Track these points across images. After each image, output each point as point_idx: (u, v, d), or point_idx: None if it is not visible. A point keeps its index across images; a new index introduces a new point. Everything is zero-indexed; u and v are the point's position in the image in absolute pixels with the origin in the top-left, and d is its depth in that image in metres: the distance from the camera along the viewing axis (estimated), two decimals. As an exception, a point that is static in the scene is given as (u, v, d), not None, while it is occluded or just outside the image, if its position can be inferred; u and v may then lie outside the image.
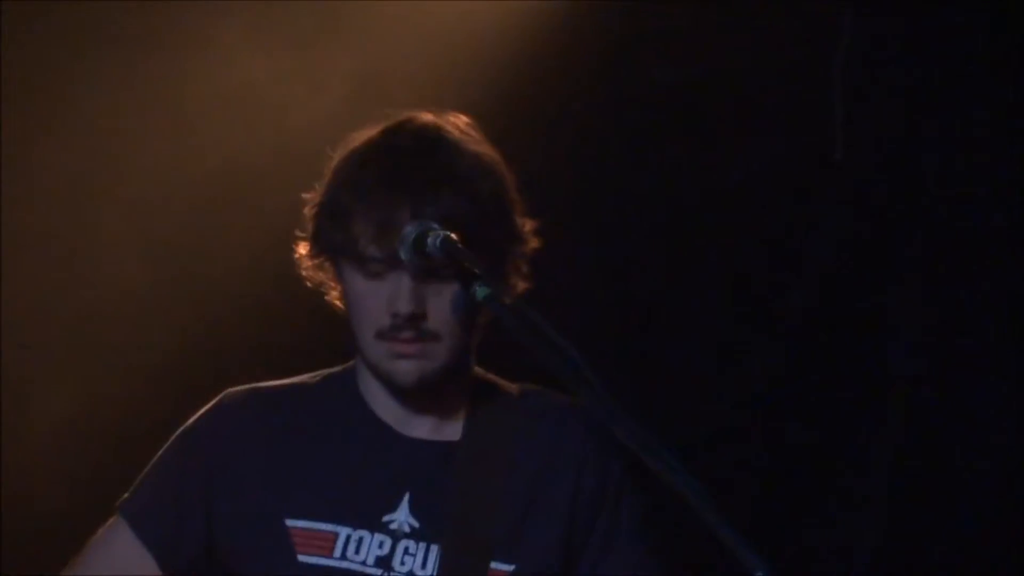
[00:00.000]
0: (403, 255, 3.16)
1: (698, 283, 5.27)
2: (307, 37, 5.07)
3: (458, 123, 3.37)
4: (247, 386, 3.45)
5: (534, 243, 3.37)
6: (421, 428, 3.37)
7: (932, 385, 5.24)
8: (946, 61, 5.22)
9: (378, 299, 3.24)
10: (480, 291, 3.07)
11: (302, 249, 3.39)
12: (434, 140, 3.30)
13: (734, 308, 5.29)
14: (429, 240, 3.13)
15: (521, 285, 3.38)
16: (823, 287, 5.29)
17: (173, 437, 3.44)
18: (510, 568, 3.29)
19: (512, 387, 3.45)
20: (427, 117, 3.36)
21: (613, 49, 5.20)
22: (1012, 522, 5.17)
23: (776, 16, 5.20)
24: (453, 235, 3.13)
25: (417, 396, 3.32)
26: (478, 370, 3.43)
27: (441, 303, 3.23)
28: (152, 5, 5.01)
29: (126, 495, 3.42)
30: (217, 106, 5.03)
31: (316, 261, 3.38)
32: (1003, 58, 5.17)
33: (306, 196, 3.38)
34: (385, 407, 3.37)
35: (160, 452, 3.44)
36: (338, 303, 3.39)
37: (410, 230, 3.15)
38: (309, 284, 3.41)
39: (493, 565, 3.28)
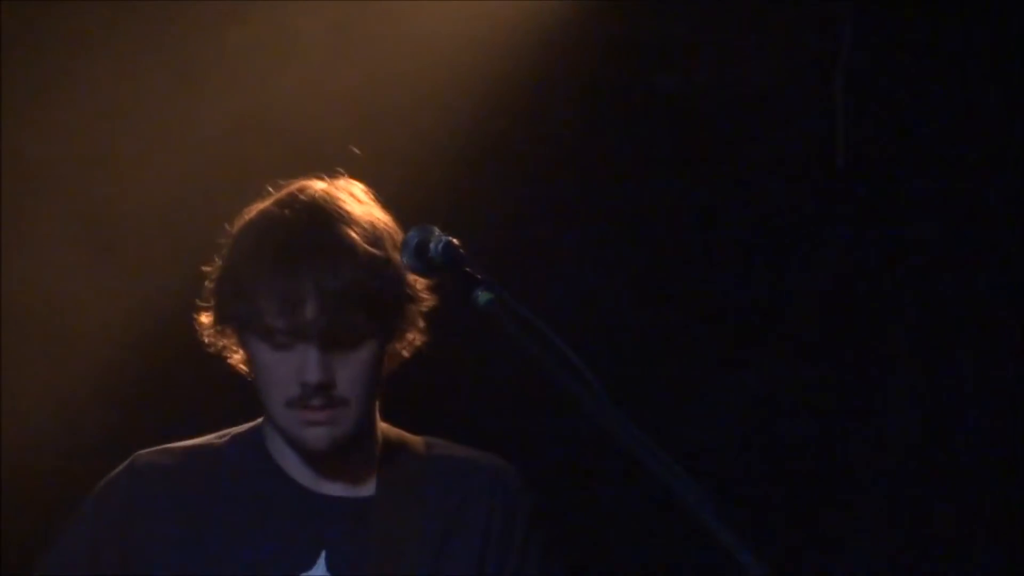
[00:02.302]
0: (405, 260, 3.17)
1: (697, 291, 5.28)
2: (305, 39, 5.08)
3: (350, 190, 3.43)
4: (158, 448, 3.47)
5: (430, 300, 3.45)
6: (334, 486, 3.42)
7: (931, 397, 5.27)
8: (949, 69, 5.22)
9: (286, 369, 3.29)
10: (482, 296, 3.07)
11: (203, 318, 3.44)
12: (327, 211, 3.35)
13: (734, 316, 5.30)
14: (431, 245, 3.13)
15: (419, 339, 3.46)
16: (825, 296, 5.30)
17: (84, 502, 3.45)
18: None
19: (417, 440, 3.52)
20: (319, 187, 3.42)
21: (613, 56, 5.20)
22: (1011, 531, 5.20)
23: (777, 25, 5.20)
24: (455, 240, 3.14)
25: (329, 458, 3.38)
26: (383, 425, 3.49)
27: (349, 370, 3.30)
28: (152, 5, 5.02)
29: (39, 566, 3.42)
30: (216, 109, 5.03)
31: (218, 330, 3.42)
32: (1007, 66, 5.18)
33: (206, 268, 3.44)
34: (297, 467, 3.42)
35: (71, 519, 3.45)
36: (241, 367, 3.44)
37: (412, 235, 3.16)
38: (211, 350, 3.45)
39: None
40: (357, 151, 3.70)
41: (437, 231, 3.16)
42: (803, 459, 5.30)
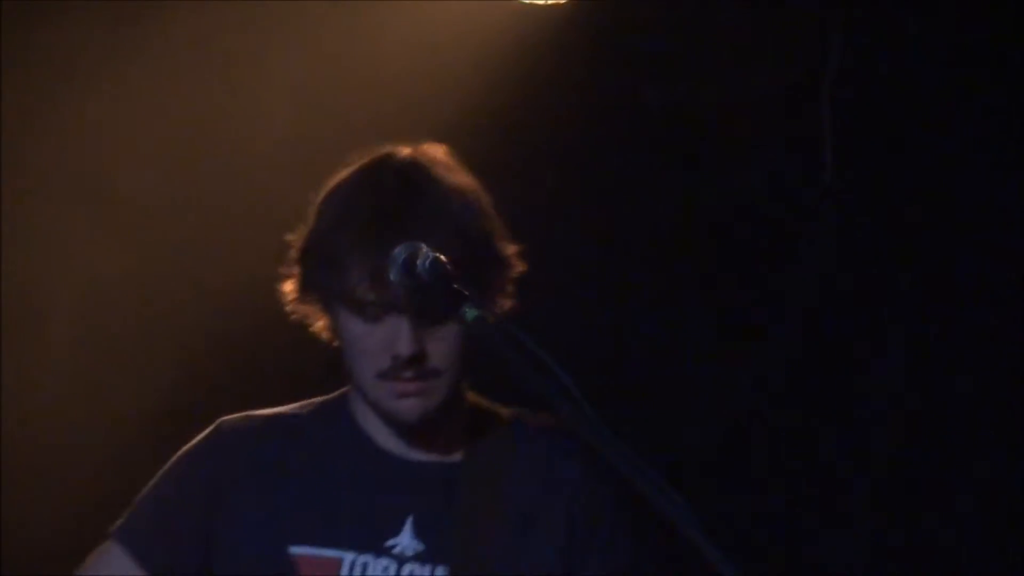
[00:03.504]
0: (392, 276, 3.15)
1: (683, 305, 5.29)
2: (299, 39, 5.09)
3: (436, 155, 3.36)
4: (242, 414, 3.43)
5: (520, 267, 3.38)
6: (421, 454, 3.38)
7: (918, 403, 5.29)
8: (936, 81, 5.24)
9: (377, 341, 3.24)
10: (469, 313, 3.08)
11: (287, 287, 3.38)
12: (418, 178, 3.30)
13: (720, 329, 5.31)
14: (419, 262, 3.13)
15: (509, 304, 3.38)
16: (812, 308, 5.32)
17: (169, 463, 3.42)
18: None
19: (506, 411, 3.46)
20: (405, 153, 3.35)
21: (600, 68, 5.21)
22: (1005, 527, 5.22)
23: (764, 37, 5.21)
24: (442, 256, 3.14)
25: (419, 428, 3.33)
26: (472, 396, 3.44)
27: (441, 341, 3.25)
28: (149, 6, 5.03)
29: (120, 521, 3.39)
30: (216, 109, 5.04)
31: (304, 300, 3.36)
32: (995, 79, 5.19)
33: (290, 237, 3.37)
34: (384, 435, 3.37)
35: (155, 478, 3.42)
36: (325, 334, 3.38)
37: (400, 251, 3.14)
38: (293, 317, 3.39)
39: None
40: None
41: (425, 247, 3.15)
42: (787, 459, 5.32)
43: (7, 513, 4.98)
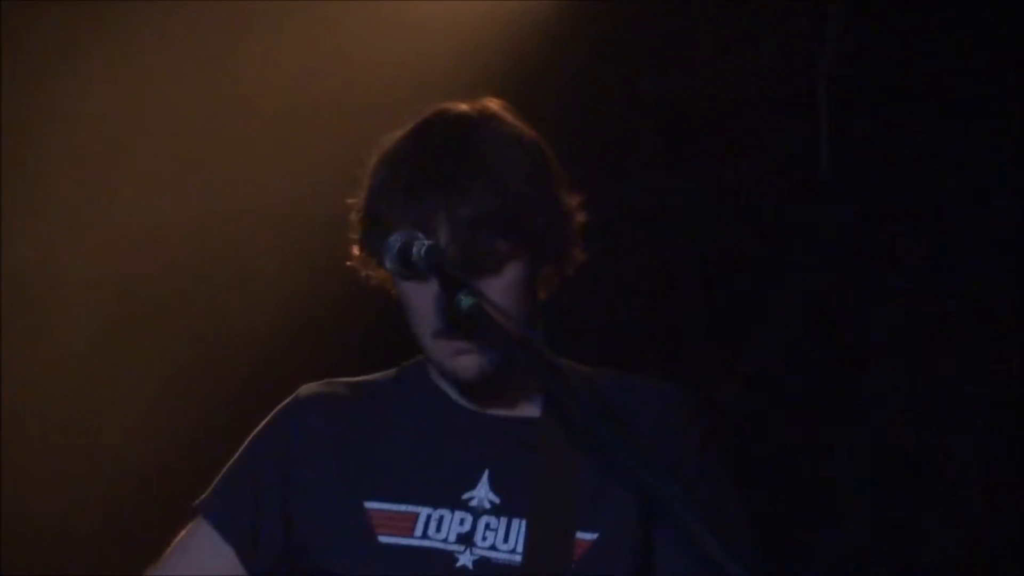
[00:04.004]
0: (387, 265, 3.14)
1: (679, 293, 5.28)
2: (292, 39, 5.07)
3: (491, 109, 3.34)
4: (322, 381, 3.45)
5: (580, 217, 3.37)
6: (496, 408, 3.36)
7: (915, 396, 5.28)
8: (933, 72, 5.23)
9: (428, 300, 3.22)
10: (464, 301, 3.06)
11: (355, 250, 3.38)
12: (464, 136, 3.27)
13: (717, 321, 5.29)
14: (414, 250, 3.11)
15: (580, 256, 3.38)
16: (809, 297, 5.31)
17: (251, 435, 3.44)
18: (593, 536, 3.29)
19: (585, 368, 3.43)
20: (458, 109, 3.33)
21: (597, 58, 5.20)
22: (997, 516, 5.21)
23: (761, 29, 5.20)
24: (440, 244, 3.13)
25: (485, 386, 3.31)
26: (550, 353, 3.33)
27: (492, 294, 3.18)
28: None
29: (204, 495, 3.43)
30: (217, 107, 5.02)
31: (369, 265, 3.36)
32: (992, 70, 5.18)
33: (351, 201, 3.36)
34: (458, 391, 3.37)
35: (238, 451, 3.44)
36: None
37: (394, 240, 3.13)
38: (373, 284, 3.40)
39: (578, 535, 3.28)
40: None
41: (420, 235, 3.14)
42: (789, 456, 5.31)
43: (7, 512, 4.97)
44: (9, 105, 4.97)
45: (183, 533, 3.42)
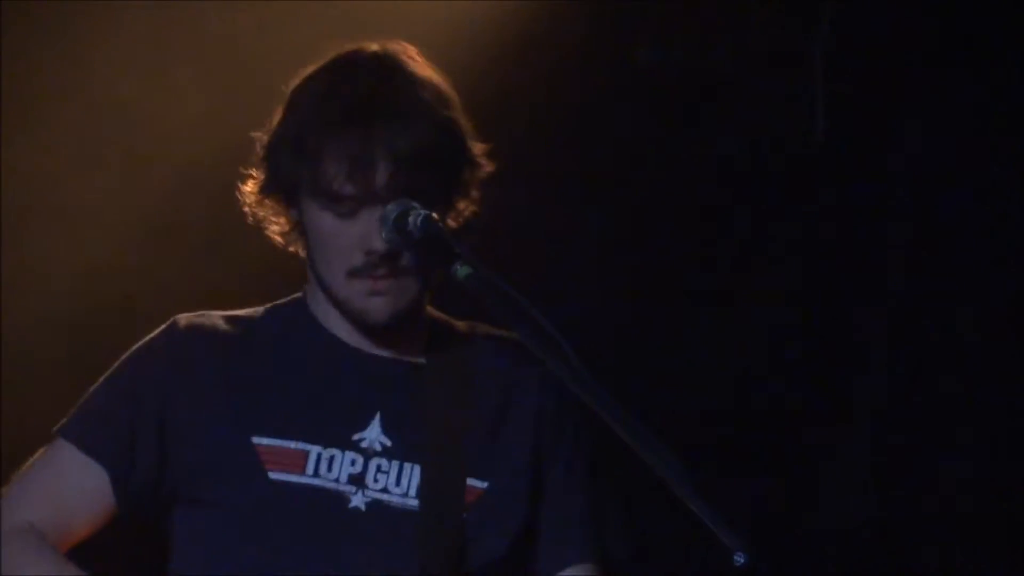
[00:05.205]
0: (384, 235, 3.13)
1: (676, 268, 5.27)
2: (284, 38, 5.07)
3: (408, 51, 3.31)
4: (196, 312, 3.37)
5: (488, 167, 3.34)
6: (385, 351, 3.33)
7: (906, 370, 5.28)
8: (930, 39, 5.22)
9: (350, 237, 3.18)
10: (461, 270, 3.07)
11: (249, 186, 3.31)
12: (393, 70, 3.24)
13: (712, 291, 5.29)
14: (410, 219, 3.11)
15: (472, 209, 3.34)
16: (804, 271, 5.31)
17: (120, 360, 3.34)
18: (484, 484, 3.30)
19: (461, 323, 3.43)
20: (379, 46, 3.29)
21: (593, 30, 5.19)
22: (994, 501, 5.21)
23: (757, 2, 5.20)
24: (434, 215, 3.12)
25: (388, 329, 3.28)
26: (429, 307, 3.39)
27: None
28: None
29: (64, 420, 3.31)
30: (209, 106, 5.02)
31: (266, 197, 3.30)
32: (990, 40, 5.18)
33: (256, 134, 3.30)
34: (348, 332, 3.32)
35: (105, 375, 3.34)
36: (277, 239, 3.33)
37: (391, 209, 3.12)
38: (250, 220, 3.33)
39: (469, 482, 3.28)
40: None
41: (417, 205, 3.14)
42: (778, 430, 5.30)
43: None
44: (9, 105, 4.97)
45: (38, 455, 3.30)
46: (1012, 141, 5.19)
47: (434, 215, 3.12)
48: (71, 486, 3.27)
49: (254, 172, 3.32)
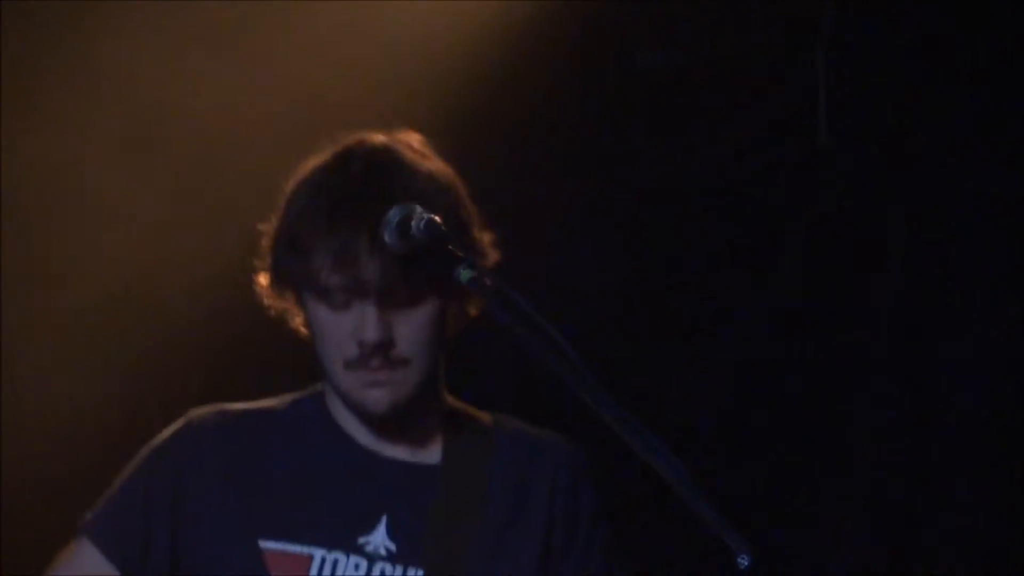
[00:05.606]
0: (387, 239, 3.13)
1: (680, 270, 5.28)
2: (280, 40, 5.07)
3: (409, 142, 3.33)
4: (213, 406, 3.41)
5: (494, 256, 3.35)
6: (397, 450, 3.35)
7: (914, 365, 5.28)
8: (932, 35, 5.22)
9: (344, 329, 3.21)
10: (464, 274, 3.07)
11: (262, 279, 3.36)
12: (386, 163, 3.26)
13: (716, 295, 5.30)
14: (413, 223, 3.12)
15: (473, 307, 3.35)
16: (807, 272, 5.31)
17: (137, 456, 3.39)
18: None
19: (484, 414, 3.44)
20: (377, 139, 3.32)
21: (594, 30, 5.19)
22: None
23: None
24: (437, 217, 3.12)
25: (391, 422, 3.30)
26: (450, 398, 3.41)
27: (409, 329, 3.22)
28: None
29: (88, 515, 3.38)
30: (210, 107, 5.03)
31: (277, 291, 3.34)
32: (993, 33, 5.18)
33: (262, 227, 3.35)
34: (359, 430, 3.34)
35: (124, 472, 3.39)
36: (302, 329, 3.36)
37: (394, 213, 3.13)
38: (272, 312, 3.37)
39: None
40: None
41: (419, 209, 3.14)
42: (783, 428, 5.32)
43: (7, 511, 4.98)
44: (9, 102, 4.98)
45: (65, 552, 3.38)
46: (1015, 138, 5.19)
47: (436, 218, 3.12)
48: None
49: (264, 265, 3.37)
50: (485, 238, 3.34)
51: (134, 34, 4.98)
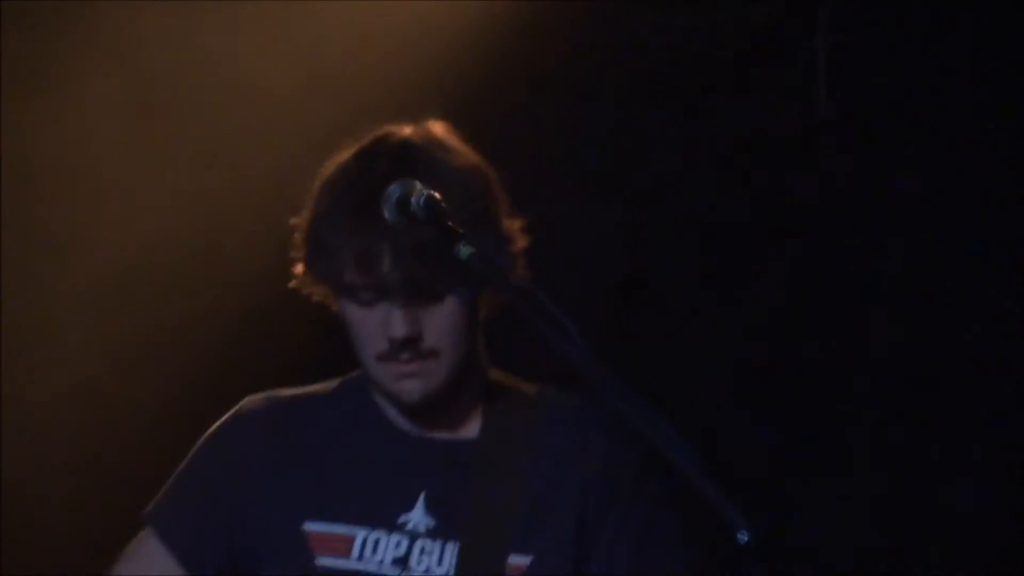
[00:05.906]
0: (387, 215, 3.14)
1: (681, 248, 5.28)
2: (278, 40, 5.07)
3: (434, 133, 3.34)
4: (265, 394, 3.49)
5: (523, 242, 3.36)
6: (436, 431, 3.39)
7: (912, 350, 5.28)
8: (933, 13, 5.22)
9: (372, 324, 3.26)
10: (464, 250, 3.06)
11: (298, 270, 3.39)
12: (408, 160, 3.27)
13: (718, 273, 5.30)
14: (413, 199, 3.11)
15: (522, 278, 3.34)
16: (809, 249, 5.31)
17: (195, 446, 3.47)
18: (527, 560, 3.31)
19: (529, 387, 3.45)
20: (401, 133, 3.33)
21: (596, 8, 5.20)
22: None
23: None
24: (436, 194, 3.12)
25: (427, 409, 3.34)
26: (494, 372, 3.44)
27: (436, 320, 3.25)
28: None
29: (151, 505, 3.46)
30: (210, 107, 5.03)
31: (311, 284, 3.38)
32: (993, 15, 5.18)
33: (294, 221, 3.37)
34: (398, 415, 3.39)
35: (184, 462, 3.47)
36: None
37: (394, 189, 3.13)
38: (314, 299, 3.41)
39: (511, 559, 3.30)
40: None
41: (419, 185, 3.14)
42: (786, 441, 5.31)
43: (7, 512, 4.96)
44: (8, 100, 4.98)
45: (131, 544, 3.45)
46: (1015, 129, 5.19)
47: (436, 195, 3.12)
48: None
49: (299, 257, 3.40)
50: (514, 225, 3.36)
51: (142, 7, 5.00)
